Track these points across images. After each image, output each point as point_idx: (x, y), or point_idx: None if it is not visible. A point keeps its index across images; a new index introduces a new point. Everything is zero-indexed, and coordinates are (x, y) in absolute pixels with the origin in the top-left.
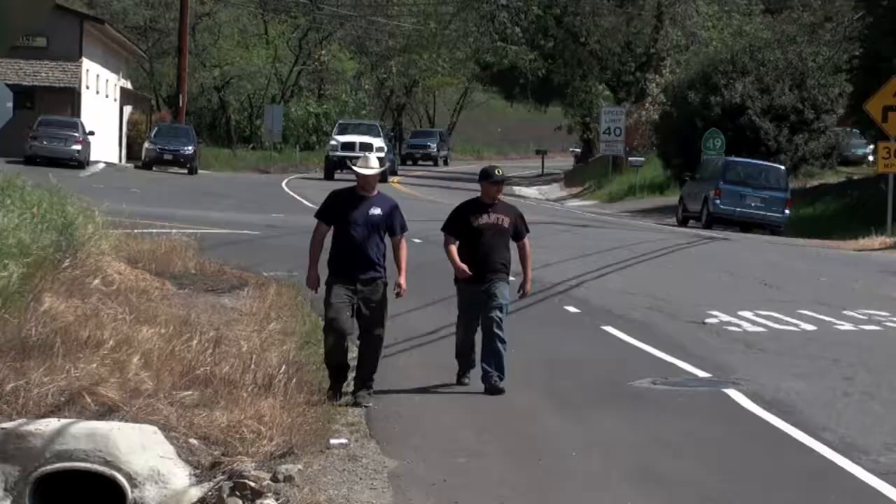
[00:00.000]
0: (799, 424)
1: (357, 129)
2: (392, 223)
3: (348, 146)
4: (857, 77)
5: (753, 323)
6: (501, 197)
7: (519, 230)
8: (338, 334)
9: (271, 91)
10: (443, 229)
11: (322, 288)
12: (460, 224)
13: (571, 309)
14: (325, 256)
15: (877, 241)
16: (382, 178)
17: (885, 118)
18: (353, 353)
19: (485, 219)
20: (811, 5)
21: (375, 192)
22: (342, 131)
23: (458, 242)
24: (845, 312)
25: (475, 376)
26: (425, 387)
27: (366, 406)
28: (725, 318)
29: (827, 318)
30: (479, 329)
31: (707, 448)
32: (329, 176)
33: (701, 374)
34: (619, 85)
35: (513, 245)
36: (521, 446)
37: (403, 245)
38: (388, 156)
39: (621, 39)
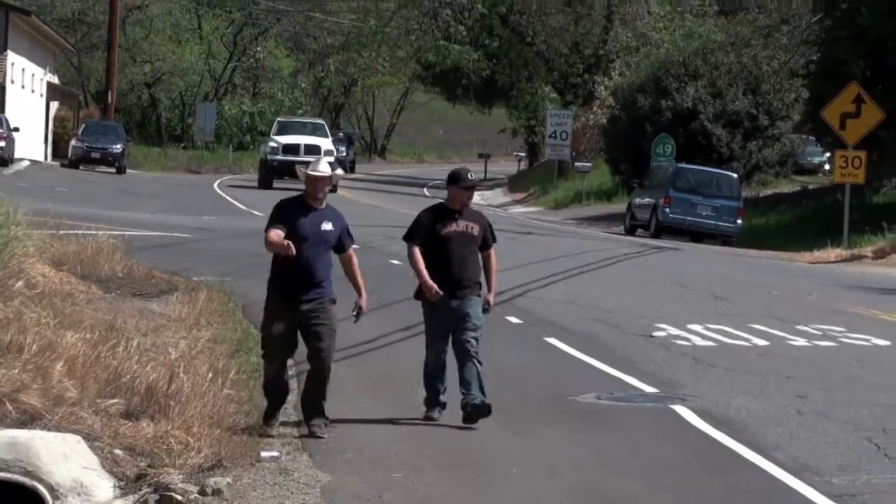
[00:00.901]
0: (749, 443)
1: (300, 129)
2: (343, 239)
3: (291, 149)
4: (814, 82)
5: (703, 337)
6: (468, 201)
7: (486, 239)
8: (279, 363)
9: (204, 88)
10: (405, 238)
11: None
12: (427, 233)
13: (514, 320)
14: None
15: (832, 253)
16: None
17: (843, 125)
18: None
19: (452, 227)
20: (767, 7)
21: (325, 205)
22: (282, 131)
23: (418, 252)
24: (799, 327)
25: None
26: (360, 399)
27: (321, 437)
28: (674, 331)
29: (780, 333)
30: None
31: (653, 467)
32: (266, 184)
33: (648, 389)
34: (566, 87)
35: None
36: (461, 462)
37: (355, 259)
38: (337, 162)
39: (569, 40)
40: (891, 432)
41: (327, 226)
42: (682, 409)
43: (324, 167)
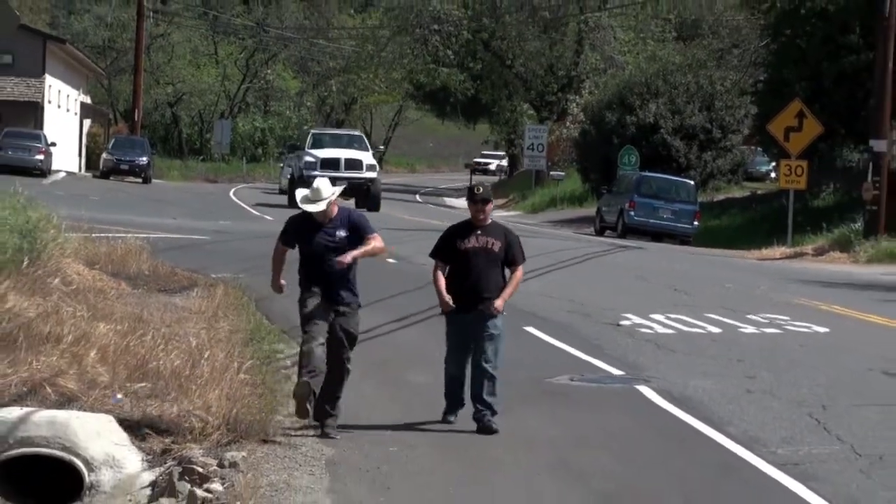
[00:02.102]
0: (705, 419)
1: (337, 142)
2: (362, 235)
3: (330, 164)
4: (762, 100)
5: (664, 325)
6: (491, 218)
7: (512, 256)
8: (319, 341)
9: (220, 107)
10: (431, 255)
11: (281, 294)
12: (448, 248)
13: None
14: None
15: (778, 251)
16: (372, 206)
17: (787, 138)
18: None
19: (472, 242)
20: (720, 33)
21: (335, 213)
22: (317, 144)
23: (447, 268)
24: (748, 316)
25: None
26: (360, 383)
27: (334, 437)
28: (638, 320)
29: (732, 322)
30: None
31: (620, 441)
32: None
33: (615, 372)
34: (542, 104)
35: None
36: (450, 439)
37: (372, 241)
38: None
39: (544, 62)
40: (829, 408)
41: (341, 233)
42: (645, 389)
43: (325, 194)
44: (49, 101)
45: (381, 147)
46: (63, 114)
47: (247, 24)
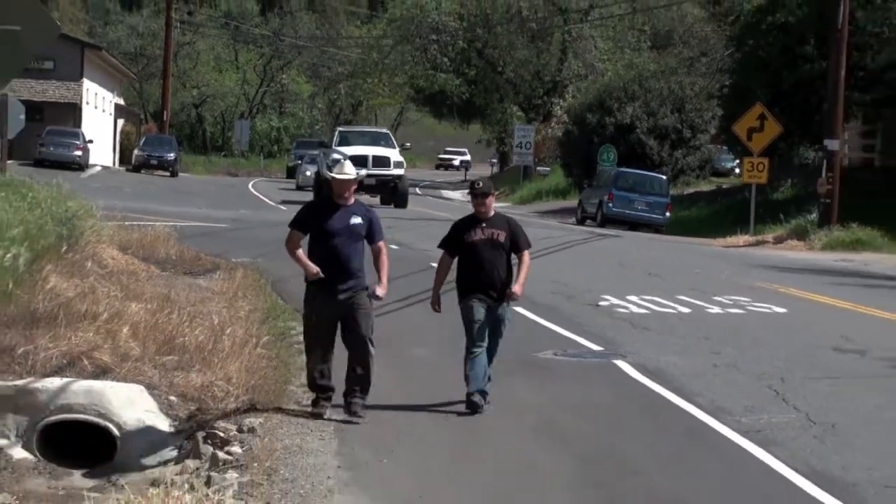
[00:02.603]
0: (676, 390)
1: (364, 139)
2: (372, 231)
3: (358, 161)
4: (727, 103)
5: (639, 306)
6: (494, 210)
7: (517, 243)
8: (321, 359)
9: (240, 108)
10: (439, 246)
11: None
12: (455, 240)
13: None
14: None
15: (741, 239)
16: (400, 203)
17: (750, 137)
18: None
19: (478, 234)
20: (689, 43)
21: (352, 201)
22: (344, 142)
23: (453, 260)
24: (715, 298)
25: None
26: None
27: (358, 420)
28: (616, 301)
29: (700, 303)
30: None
31: (599, 409)
32: None
33: (595, 347)
34: (529, 107)
35: None
36: (446, 406)
37: (385, 251)
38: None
39: (532, 69)
40: (787, 381)
41: (356, 220)
42: (621, 363)
43: (349, 170)
44: (87, 103)
45: (408, 144)
46: (99, 114)
47: (264, 33)
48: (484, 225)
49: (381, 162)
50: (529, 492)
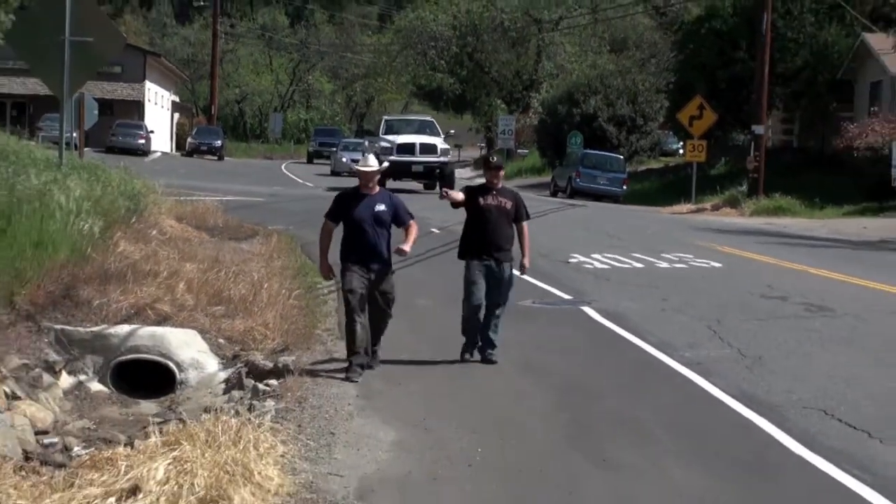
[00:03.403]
0: (631, 330)
1: (410, 127)
2: (399, 216)
3: (406, 148)
4: (672, 96)
5: (601, 262)
6: (503, 183)
7: (519, 214)
8: (361, 321)
9: (274, 103)
10: (459, 205)
11: (334, 278)
12: (471, 199)
13: None
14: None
15: (685, 207)
16: (448, 181)
17: (691, 124)
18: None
19: (490, 200)
20: (641, 47)
21: (377, 190)
22: (390, 130)
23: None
24: (663, 255)
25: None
26: None
27: (371, 367)
28: (582, 258)
29: (651, 259)
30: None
31: (568, 346)
32: (381, 186)
33: (566, 296)
34: (511, 100)
35: None
36: (442, 346)
37: (414, 228)
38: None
39: (513, 69)
40: (722, 322)
41: (381, 207)
42: (587, 309)
43: (372, 162)
44: (148, 100)
45: (452, 131)
46: (158, 109)
47: (293, 42)
48: (494, 193)
49: (428, 149)
50: (515, 413)
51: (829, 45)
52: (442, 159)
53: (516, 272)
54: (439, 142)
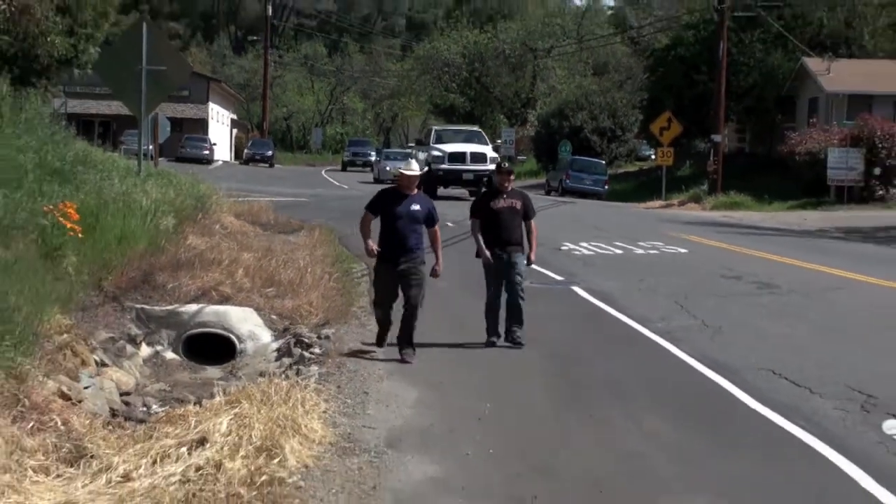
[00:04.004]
0: (614, 306)
1: (459, 137)
2: (430, 216)
3: (457, 157)
4: (645, 111)
5: (588, 249)
6: (512, 186)
7: (527, 213)
8: (384, 310)
9: (315, 120)
10: (471, 214)
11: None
12: (483, 207)
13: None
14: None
15: (656, 203)
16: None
17: (661, 134)
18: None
19: (501, 203)
20: (619, 70)
21: (415, 191)
22: (440, 140)
23: (478, 222)
24: (639, 243)
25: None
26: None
27: (409, 361)
28: (572, 246)
29: (629, 247)
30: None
31: (560, 318)
32: (432, 194)
33: (558, 277)
34: (511, 115)
35: None
36: (458, 319)
37: (438, 234)
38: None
39: (512, 90)
40: (689, 298)
41: (416, 207)
42: (577, 289)
43: (414, 167)
44: (211, 118)
45: (499, 140)
46: (219, 125)
47: (330, 68)
48: (505, 196)
49: (478, 158)
50: (517, 375)
51: (774, 68)
52: (491, 167)
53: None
54: (488, 151)
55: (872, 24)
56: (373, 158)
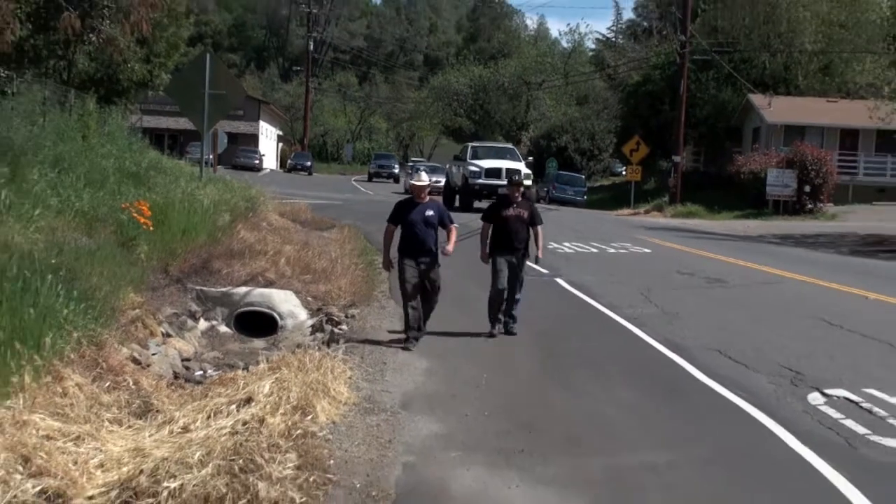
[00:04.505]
0: (590, 295)
1: (494, 153)
2: (443, 220)
3: (493, 173)
4: (618, 136)
5: (569, 248)
6: (520, 195)
7: (534, 220)
8: (413, 300)
9: (346, 137)
10: (482, 218)
11: (393, 269)
12: (494, 214)
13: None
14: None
15: (626, 211)
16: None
17: (631, 154)
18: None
19: (510, 211)
20: (598, 101)
21: (427, 199)
22: (476, 155)
23: (490, 226)
24: (611, 244)
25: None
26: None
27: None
28: (556, 245)
29: (603, 247)
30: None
31: (544, 305)
32: (468, 206)
33: (544, 271)
34: (508, 137)
35: None
36: (461, 305)
37: (454, 231)
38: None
39: (510, 115)
40: (651, 290)
41: (429, 212)
42: (560, 281)
43: (424, 178)
44: (261, 134)
45: (530, 158)
46: (268, 140)
47: (360, 94)
48: (514, 205)
49: (514, 174)
50: (509, 351)
51: (725, 102)
52: (526, 183)
53: (530, 263)
54: (522, 167)
55: (805, 68)
56: (396, 171)
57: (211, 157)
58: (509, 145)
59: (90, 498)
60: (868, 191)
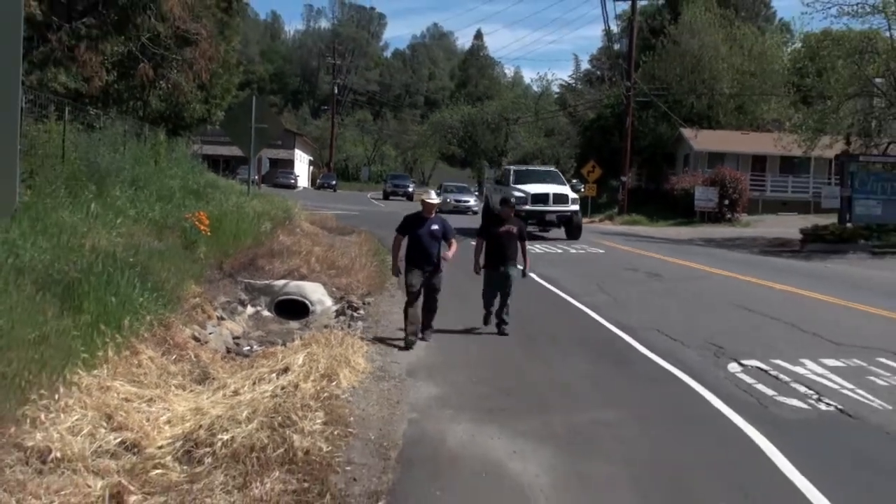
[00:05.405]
0: (556, 286)
1: (536, 178)
2: (447, 234)
3: (540, 198)
4: (578, 160)
5: (539, 249)
6: (512, 213)
7: (522, 237)
8: (415, 303)
9: (363, 161)
10: (477, 234)
11: (401, 275)
12: (488, 231)
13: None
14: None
15: (584, 220)
16: (575, 235)
17: (588, 175)
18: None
19: (502, 228)
20: (562, 133)
21: (434, 215)
22: (519, 180)
23: (483, 242)
24: (579, 246)
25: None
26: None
27: (427, 340)
28: (529, 247)
29: (567, 248)
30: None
31: (522, 295)
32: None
33: (519, 267)
34: (491, 162)
35: None
36: (457, 290)
37: (454, 245)
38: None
39: (492, 144)
40: (604, 282)
41: (435, 227)
42: (532, 275)
43: (434, 196)
44: (296, 159)
45: (575, 181)
46: (301, 164)
47: (374, 128)
48: (506, 223)
49: (561, 199)
50: (491, 333)
51: (662, 134)
52: (573, 208)
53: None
54: (569, 191)
55: (724, 107)
56: (411, 190)
57: (256, 177)
58: (552, 168)
59: (160, 447)
60: (774, 204)
